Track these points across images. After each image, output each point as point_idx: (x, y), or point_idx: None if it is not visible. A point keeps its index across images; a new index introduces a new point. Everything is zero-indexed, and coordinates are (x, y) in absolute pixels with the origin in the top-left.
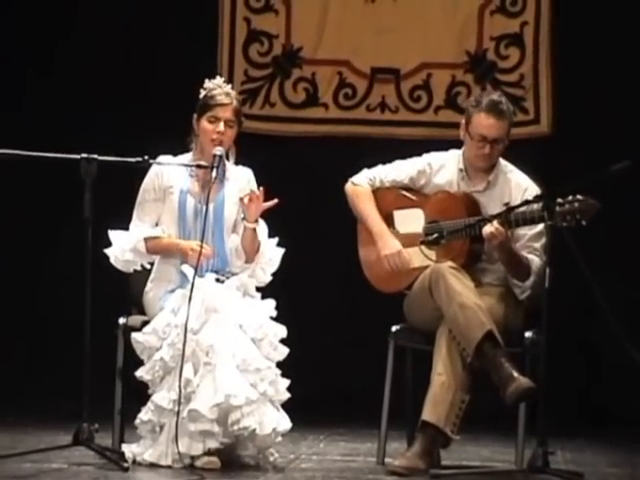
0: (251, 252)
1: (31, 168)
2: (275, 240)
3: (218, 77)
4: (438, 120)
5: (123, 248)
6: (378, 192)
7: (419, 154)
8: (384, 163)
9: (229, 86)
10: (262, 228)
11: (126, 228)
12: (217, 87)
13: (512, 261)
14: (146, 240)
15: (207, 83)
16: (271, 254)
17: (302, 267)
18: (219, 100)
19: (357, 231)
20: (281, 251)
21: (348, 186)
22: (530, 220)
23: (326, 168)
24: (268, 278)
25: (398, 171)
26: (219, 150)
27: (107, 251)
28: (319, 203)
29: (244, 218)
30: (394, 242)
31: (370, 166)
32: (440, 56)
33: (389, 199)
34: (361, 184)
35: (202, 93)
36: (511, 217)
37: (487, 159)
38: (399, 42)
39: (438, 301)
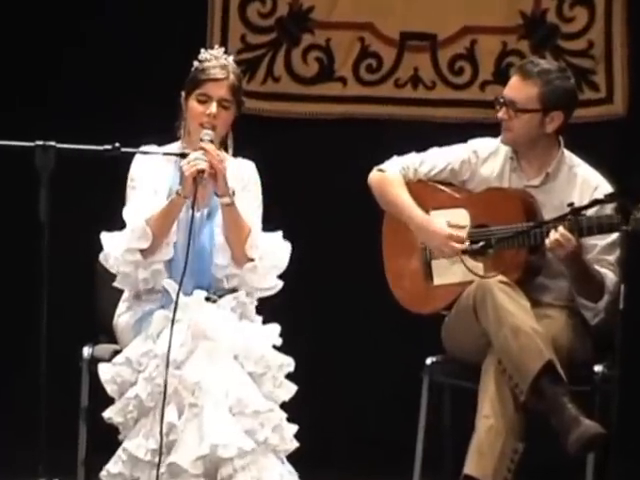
0: (236, 242)
1: None
2: (279, 234)
3: (216, 47)
4: (485, 98)
5: (122, 241)
6: (410, 187)
7: (461, 141)
8: (418, 151)
9: (229, 58)
10: (250, 208)
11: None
12: (213, 58)
13: (583, 277)
14: (147, 221)
15: (203, 54)
16: (271, 248)
17: (313, 280)
18: (212, 74)
19: (382, 234)
20: (287, 246)
21: (374, 174)
22: (607, 227)
23: (344, 158)
24: (271, 282)
25: (437, 160)
26: (207, 134)
27: (103, 255)
28: (335, 201)
29: (216, 193)
30: (439, 223)
31: (399, 155)
32: (488, 18)
33: (424, 196)
34: (391, 171)
35: (194, 66)
36: (583, 223)
37: (502, 127)
38: (436, 0)
39: (485, 325)
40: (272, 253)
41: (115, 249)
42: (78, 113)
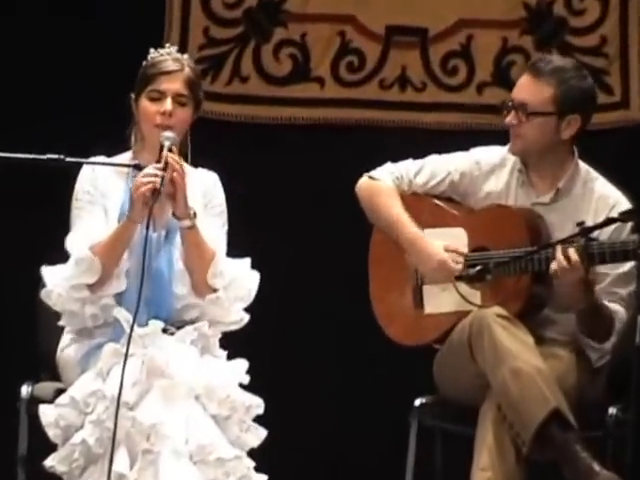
0: (198, 270)
1: None
2: (247, 261)
3: (167, 45)
4: (483, 102)
5: (66, 276)
6: (404, 200)
7: (455, 150)
8: (405, 160)
9: (185, 56)
10: (214, 228)
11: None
12: (165, 55)
13: (590, 312)
14: (93, 250)
15: (152, 53)
16: (238, 277)
17: (285, 309)
18: (163, 67)
19: (369, 253)
20: (255, 275)
21: (364, 182)
22: (621, 255)
23: (321, 170)
24: (236, 316)
25: (435, 170)
26: (168, 138)
27: (45, 292)
28: (312, 219)
29: (174, 215)
30: (435, 244)
31: (392, 162)
32: (486, 10)
33: (419, 212)
34: (383, 180)
35: (142, 67)
36: (593, 248)
37: (511, 133)
38: None
39: (482, 364)
40: (238, 283)
41: (58, 285)
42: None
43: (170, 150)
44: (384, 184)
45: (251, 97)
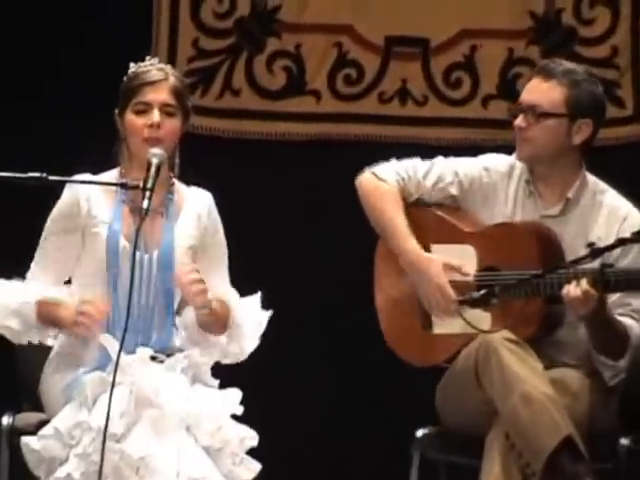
0: (217, 331)
1: None
2: (256, 298)
3: (148, 58)
4: (488, 116)
5: (7, 307)
6: (410, 211)
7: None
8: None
9: (167, 65)
10: (218, 261)
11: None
12: (147, 66)
13: (603, 330)
14: (39, 304)
15: (132, 68)
16: (252, 323)
17: (280, 333)
18: (147, 77)
19: (374, 264)
20: (266, 315)
21: (367, 178)
22: (636, 284)
23: (318, 188)
24: (246, 354)
25: (444, 171)
26: (156, 155)
27: None
28: (308, 240)
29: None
30: (435, 265)
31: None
32: (490, 19)
33: (425, 225)
34: (389, 181)
35: (123, 81)
36: (609, 276)
37: (519, 138)
38: None
39: (489, 391)
40: (248, 323)
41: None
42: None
43: (158, 168)
44: (388, 186)
45: (243, 111)
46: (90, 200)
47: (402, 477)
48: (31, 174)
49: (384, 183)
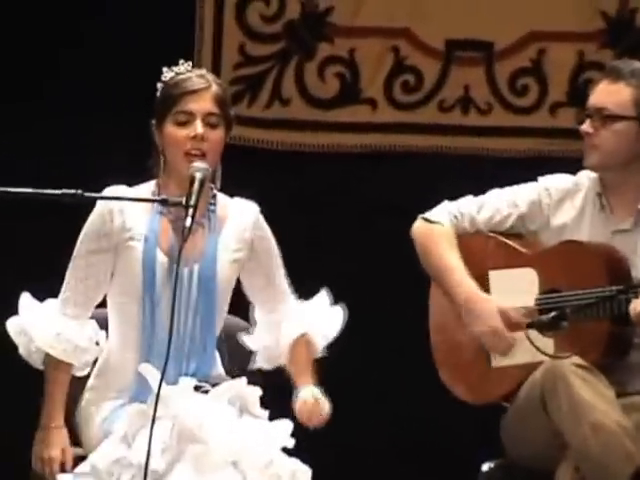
0: None
1: None
2: (338, 312)
3: (181, 62)
4: (556, 125)
5: (34, 336)
6: (465, 240)
7: (525, 180)
8: (471, 193)
9: (203, 70)
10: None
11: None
12: (185, 73)
13: None
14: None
15: (166, 73)
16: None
17: (333, 360)
18: (189, 86)
19: (429, 297)
20: (339, 312)
21: (419, 226)
22: None
23: (373, 204)
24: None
25: (499, 204)
26: (200, 169)
27: (10, 324)
28: (363, 259)
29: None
30: (489, 307)
31: (448, 199)
32: (559, 21)
33: (482, 252)
34: (441, 222)
35: (159, 89)
36: None
37: (586, 144)
38: None
39: (557, 421)
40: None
41: (25, 333)
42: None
43: (202, 183)
44: (440, 227)
45: (293, 122)
46: (124, 212)
47: None
48: (66, 190)
49: (436, 225)
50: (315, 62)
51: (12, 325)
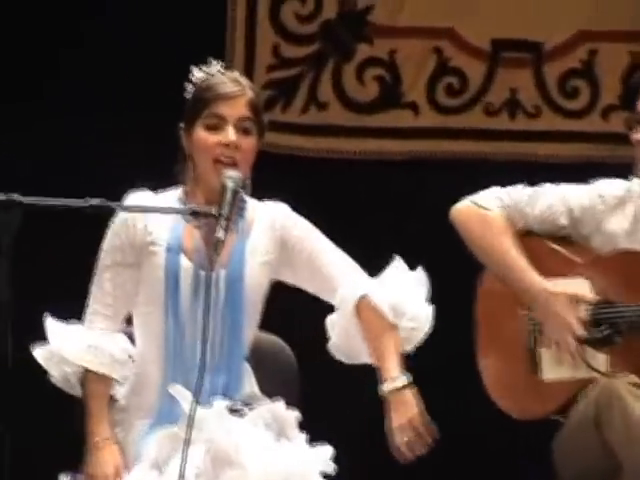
0: None
1: None
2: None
3: (212, 61)
4: (608, 129)
5: (65, 356)
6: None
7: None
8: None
9: (235, 73)
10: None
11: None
12: (216, 75)
13: None
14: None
15: (197, 73)
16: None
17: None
18: (222, 90)
19: (476, 309)
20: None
21: (466, 207)
22: None
23: (415, 213)
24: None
25: (553, 201)
26: (232, 178)
27: (37, 351)
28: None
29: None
30: (561, 300)
31: None
32: (612, 20)
33: (533, 257)
34: (491, 208)
35: (189, 90)
36: None
37: (638, 152)
38: None
39: (611, 440)
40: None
41: (54, 357)
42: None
43: (235, 193)
44: (493, 214)
45: (330, 127)
46: (147, 215)
47: None
48: (91, 201)
49: (488, 211)
50: (353, 64)
51: (39, 351)
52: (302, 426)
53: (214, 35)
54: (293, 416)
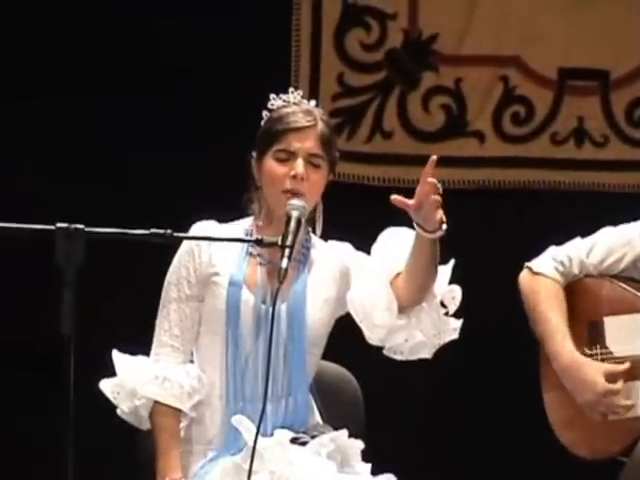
0: (427, 287)
1: None
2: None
3: (292, 90)
4: None
5: (134, 389)
6: (578, 283)
7: None
8: (583, 236)
9: (312, 102)
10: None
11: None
12: (290, 104)
13: None
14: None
15: (273, 100)
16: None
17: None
18: (293, 122)
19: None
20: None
21: (524, 276)
22: None
23: (482, 244)
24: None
25: (612, 245)
26: (296, 207)
27: (105, 385)
28: (471, 303)
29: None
30: (592, 371)
31: (561, 240)
32: None
33: (597, 296)
34: (546, 273)
35: (265, 117)
36: None
37: None
38: (606, 24)
39: None
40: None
41: (123, 391)
42: None
43: (299, 222)
44: (545, 279)
45: (396, 156)
46: (212, 245)
47: None
48: (154, 230)
49: (541, 277)
50: (419, 93)
51: (106, 384)
52: (366, 457)
53: (279, 64)
54: (357, 446)
